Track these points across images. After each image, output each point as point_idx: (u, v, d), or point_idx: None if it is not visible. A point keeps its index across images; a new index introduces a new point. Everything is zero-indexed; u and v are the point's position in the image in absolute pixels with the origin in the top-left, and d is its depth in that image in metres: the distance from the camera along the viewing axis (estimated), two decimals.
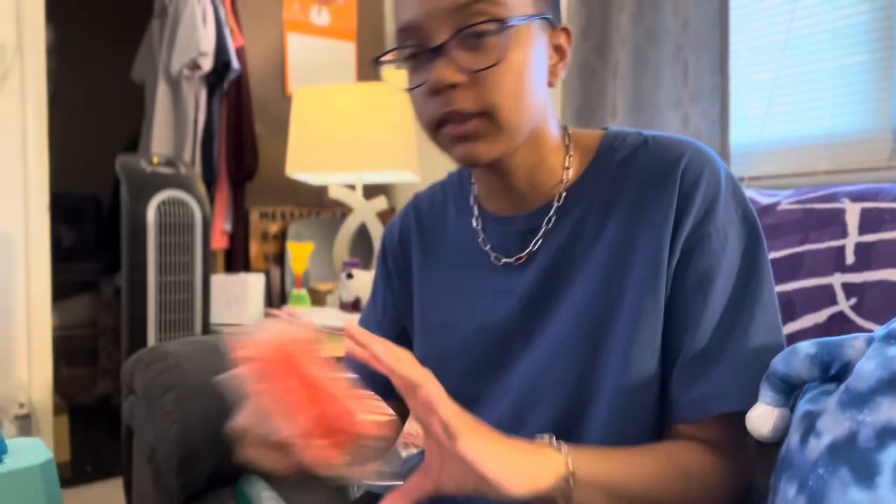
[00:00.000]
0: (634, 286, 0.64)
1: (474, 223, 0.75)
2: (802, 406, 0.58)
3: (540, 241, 0.69)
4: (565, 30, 0.68)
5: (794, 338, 0.94)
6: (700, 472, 0.62)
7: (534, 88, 0.63)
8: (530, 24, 0.62)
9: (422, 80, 0.62)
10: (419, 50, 0.62)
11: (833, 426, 0.52)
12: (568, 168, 0.69)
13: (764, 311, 0.63)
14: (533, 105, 0.64)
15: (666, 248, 0.63)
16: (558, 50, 0.68)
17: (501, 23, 0.60)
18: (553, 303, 0.68)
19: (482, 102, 0.61)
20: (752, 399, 0.61)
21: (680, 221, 0.63)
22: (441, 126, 0.63)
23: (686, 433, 0.64)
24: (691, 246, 0.63)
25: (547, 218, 0.69)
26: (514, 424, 0.69)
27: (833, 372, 0.57)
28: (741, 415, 0.61)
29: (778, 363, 0.59)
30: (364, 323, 0.89)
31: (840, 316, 0.90)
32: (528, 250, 0.69)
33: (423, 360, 0.53)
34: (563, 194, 0.69)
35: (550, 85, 0.68)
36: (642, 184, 0.66)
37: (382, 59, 0.66)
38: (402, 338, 0.84)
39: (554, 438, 0.58)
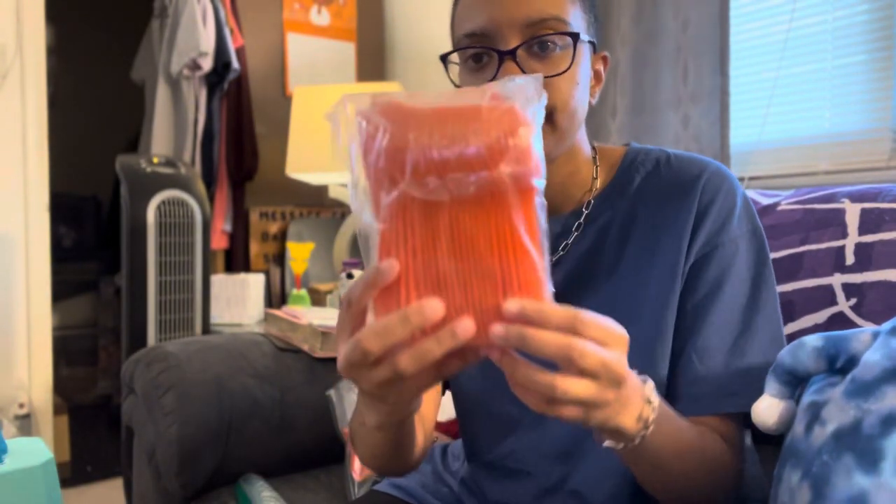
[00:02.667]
0: (655, 288, 0.69)
1: None
2: (808, 397, 0.58)
3: (568, 246, 0.74)
4: (604, 57, 0.77)
5: (793, 338, 0.94)
6: (713, 455, 0.66)
7: (583, 100, 0.71)
8: (585, 44, 0.70)
9: (485, 80, 0.67)
10: (487, 52, 0.68)
11: (838, 414, 0.53)
12: (596, 179, 0.75)
13: (768, 321, 0.69)
14: (581, 114, 0.71)
15: (683, 253, 0.69)
16: (597, 74, 0.75)
17: (571, 37, 0.67)
18: (580, 303, 0.70)
19: None
20: (753, 402, 0.64)
21: (697, 231, 0.69)
22: None
23: (701, 422, 0.68)
24: (705, 254, 0.69)
25: (576, 224, 0.74)
26: (537, 419, 0.73)
27: (839, 365, 0.57)
28: (743, 416, 0.66)
29: (784, 356, 0.60)
30: None
31: (840, 316, 0.90)
32: (557, 255, 0.74)
33: None
34: (592, 202, 0.75)
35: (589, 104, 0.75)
36: (665, 196, 0.71)
37: (449, 56, 0.72)
38: None
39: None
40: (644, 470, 0.62)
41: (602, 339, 0.45)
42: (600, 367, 0.44)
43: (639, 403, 0.52)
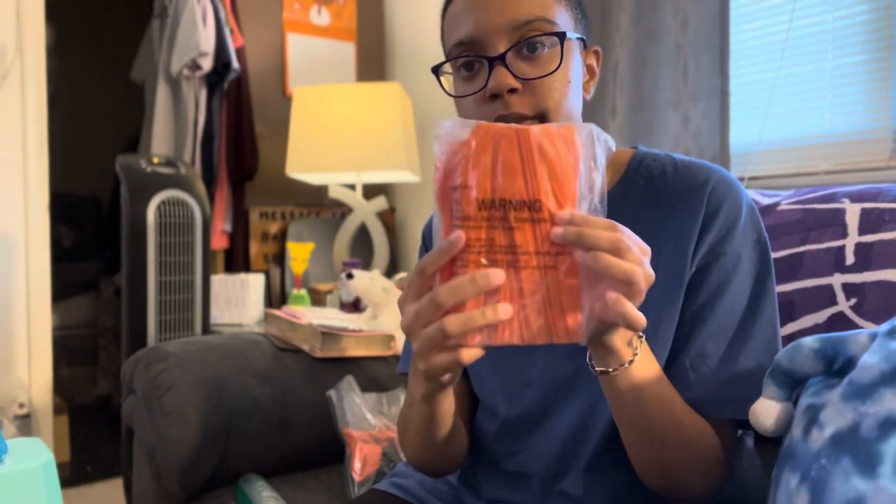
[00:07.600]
0: (654, 293, 0.67)
1: None
2: (805, 399, 0.58)
3: None
4: (596, 51, 0.77)
5: (793, 338, 0.94)
6: (704, 437, 0.66)
7: (577, 98, 0.71)
8: (573, 41, 0.70)
9: (478, 88, 0.69)
10: (477, 60, 0.69)
11: (836, 418, 0.52)
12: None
13: (763, 329, 0.69)
14: (577, 112, 0.71)
15: (688, 261, 0.69)
16: (590, 69, 0.76)
17: (558, 37, 0.67)
18: None
19: (536, 107, 0.67)
20: (743, 408, 0.64)
21: (701, 239, 0.69)
22: None
23: None
24: (708, 262, 0.69)
25: None
26: (542, 414, 0.75)
27: (837, 367, 0.57)
28: (738, 421, 0.67)
29: (782, 358, 0.60)
30: None
31: (840, 316, 0.90)
32: None
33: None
34: None
35: (583, 100, 0.74)
36: (670, 201, 0.71)
37: (441, 68, 0.72)
38: None
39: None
40: (630, 412, 0.63)
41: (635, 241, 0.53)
42: (641, 254, 0.52)
43: (628, 332, 0.58)
